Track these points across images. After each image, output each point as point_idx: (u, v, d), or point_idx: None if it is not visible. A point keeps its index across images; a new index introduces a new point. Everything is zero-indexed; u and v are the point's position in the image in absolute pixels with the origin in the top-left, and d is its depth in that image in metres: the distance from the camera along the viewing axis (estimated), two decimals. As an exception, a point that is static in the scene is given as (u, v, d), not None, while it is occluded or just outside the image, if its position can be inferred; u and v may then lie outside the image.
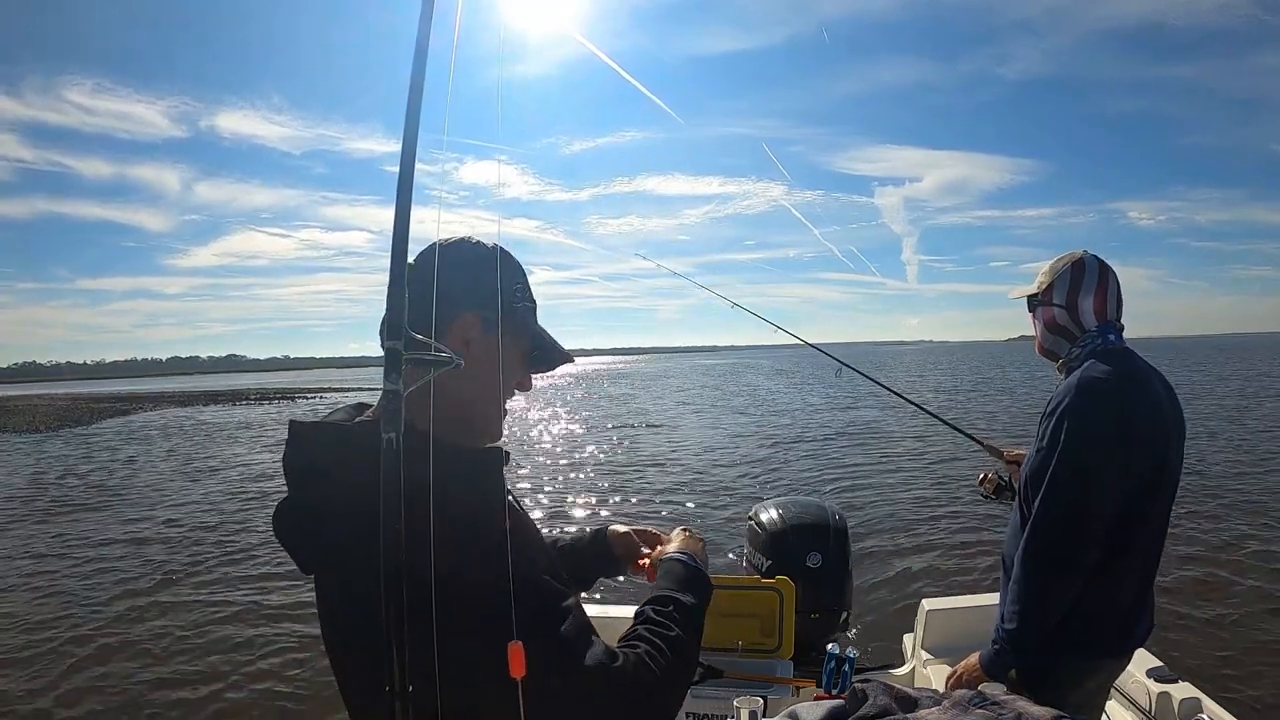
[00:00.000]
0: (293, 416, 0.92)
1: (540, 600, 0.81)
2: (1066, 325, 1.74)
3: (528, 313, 0.99)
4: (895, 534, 7.01)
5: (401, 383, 0.67)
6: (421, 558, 0.68)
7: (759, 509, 2.89)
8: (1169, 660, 2.30)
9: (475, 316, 0.91)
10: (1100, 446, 1.54)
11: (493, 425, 0.97)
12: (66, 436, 22.30)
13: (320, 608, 0.91)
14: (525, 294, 1.00)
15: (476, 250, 0.96)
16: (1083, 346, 1.70)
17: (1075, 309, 1.72)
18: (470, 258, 0.94)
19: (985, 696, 1.12)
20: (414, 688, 0.64)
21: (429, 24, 0.71)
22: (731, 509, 8.22)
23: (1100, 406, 1.56)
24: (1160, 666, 2.24)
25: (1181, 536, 6.35)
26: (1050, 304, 1.76)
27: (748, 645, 2.00)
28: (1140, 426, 1.58)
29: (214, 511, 9.46)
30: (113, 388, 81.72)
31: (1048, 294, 1.76)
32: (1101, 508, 1.54)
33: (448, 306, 0.90)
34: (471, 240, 0.98)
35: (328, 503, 0.84)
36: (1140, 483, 1.58)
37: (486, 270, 0.93)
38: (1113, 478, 1.54)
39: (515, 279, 0.99)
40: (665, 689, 0.89)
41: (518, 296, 0.98)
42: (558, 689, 0.77)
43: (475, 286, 0.92)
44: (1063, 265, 1.76)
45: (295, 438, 0.89)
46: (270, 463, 13.98)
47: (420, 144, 0.70)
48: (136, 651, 4.91)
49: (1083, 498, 1.54)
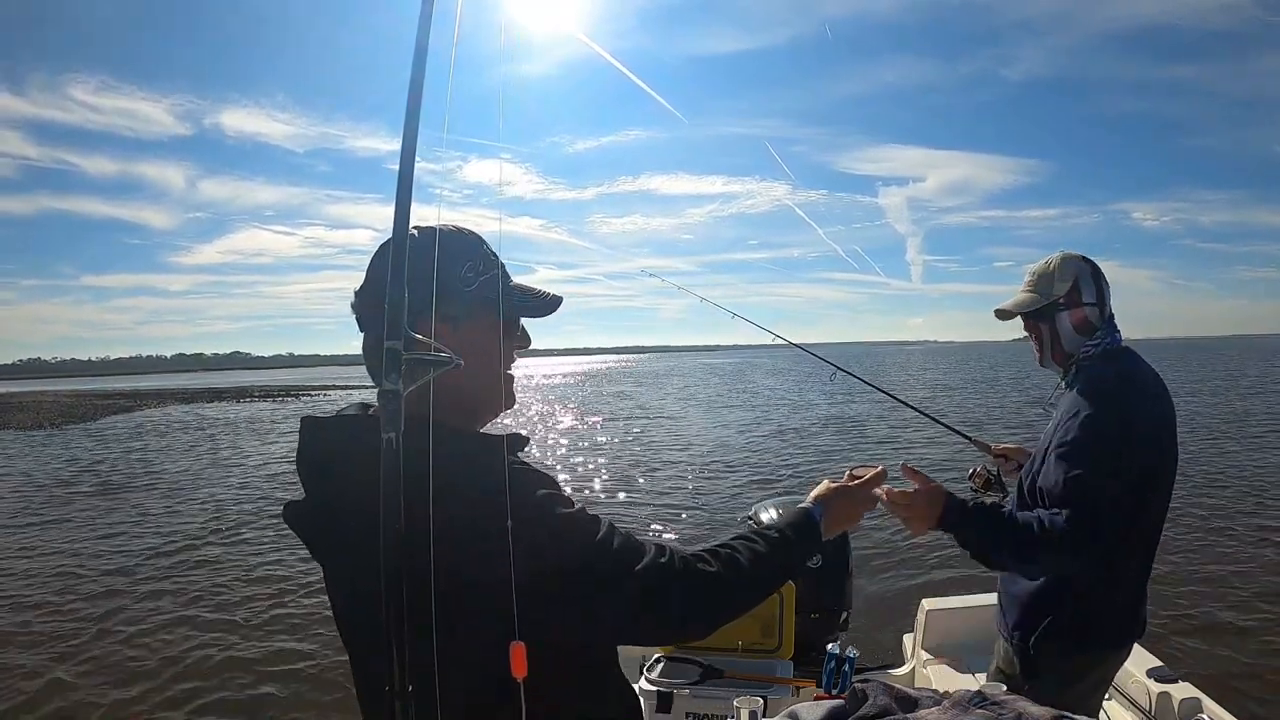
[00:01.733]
0: (305, 413, 0.93)
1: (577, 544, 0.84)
2: (1094, 322, 1.70)
3: (487, 284, 0.95)
4: (895, 534, 7.00)
5: (401, 382, 0.67)
6: (425, 555, 0.69)
7: (759, 508, 2.89)
8: (1169, 660, 2.30)
9: (440, 326, 0.89)
10: (1111, 447, 1.52)
11: (494, 402, 0.97)
12: (72, 432, 22.36)
13: (330, 598, 0.92)
14: (477, 268, 0.94)
15: (415, 248, 0.86)
16: (1094, 344, 1.69)
17: (1104, 304, 1.71)
18: (405, 267, 0.85)
19: (985, 696, 1.12)
20: (413, 686, 0.64)
21: (429, 24, 0.71)
22: (731, 508, 8.22)
23: (1112, 408, 1.56)
24: (1160, 666, 2.24)
25: (1182, 536, 6.35)
26: (1081, 304, 1.70)
27: (748, 645, 2.01)
28: (1141, 424, 1.58)
29: (227, 508, 9.49)
30: (117, 384, 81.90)
31: (1073, 296, 1.70)
32: (1116, 506, 1.51)
33: (411, 317, 0.87)
34: (414, 235, 0.88)
35: (338, 498, 0.86)
36: (1138, 478, 1.58)
37: (426, 268, 0.84)
38: (1126, 476, 1.52)
39: (460, 263, 0.93)
40: (725, 588, 0.93)
41: (469, 279, 0.94)
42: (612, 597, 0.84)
43: (421, 294, 0.83)
44: (1070, 265, 1.73)
45: (306, 434, 0.89)
46: (280, 456, 14.02)
47: (422, 142, 0.70)
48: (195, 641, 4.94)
49: (1103, 499, 1.50)
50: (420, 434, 0.70)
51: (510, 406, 1.01)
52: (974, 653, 2.56)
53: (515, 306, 0.99)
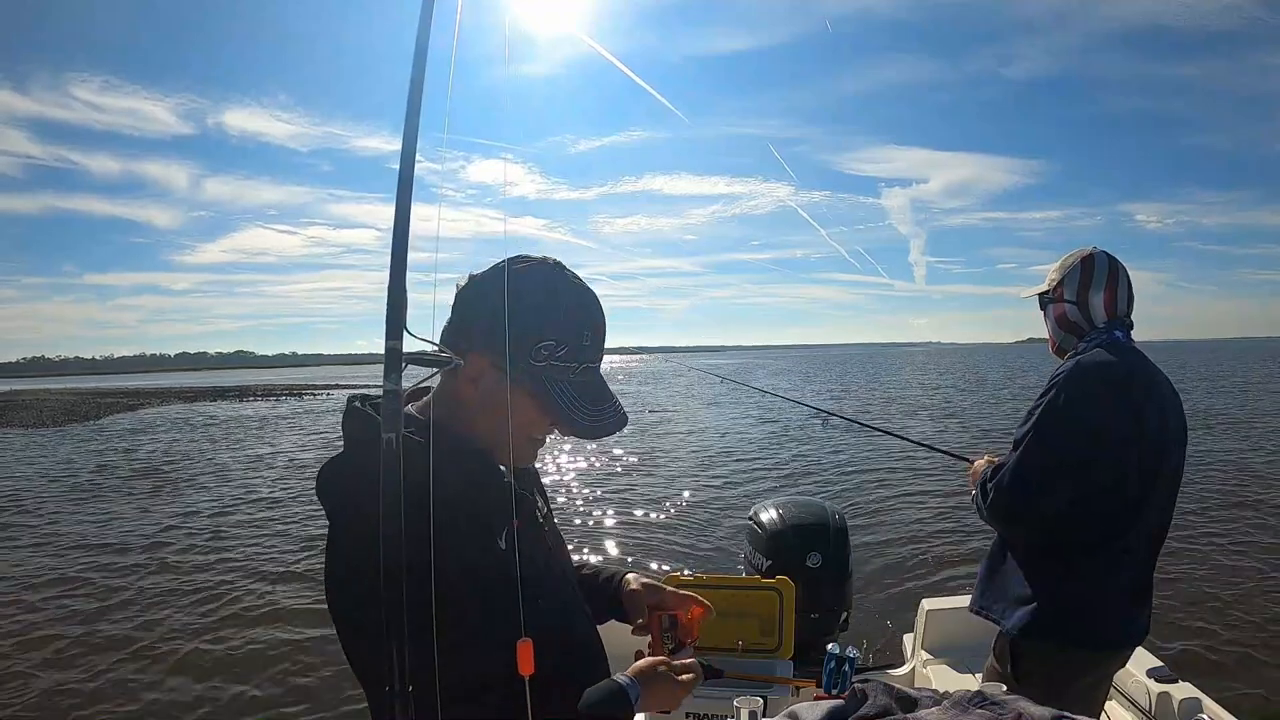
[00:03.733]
0: (305, 413, 0.91)
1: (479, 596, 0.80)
2: (1077, 321, 1.75)
3: (555, 372, 0.90)
4: (895, 534, 7.00)
5: (401, 382, 0.67)
6: (409, 555, 0.69)
7: (759, 509, 2.89)
8: (1169, 660, 2.29)
9: (486, 362, 0.87)
10: (1085, 409, 1.57)
11: (500, 455, 0.92)
12: (75, 431, 22.40)
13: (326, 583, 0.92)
14: (556, 352, 0.89)
15: (524, 285, 0.87)
16: (1089, 341, 1.71)
17: (1086, 305, 1.73)
18: (504, 299, 0.83)
19: (985, 696, 1.11)
20: (393, 688, 0.64)
21: (429, 24, 0.71)
22: (732, 508, 8.22)
23: (1092, 376, 1.60)
24: (1160, 666, 2.24)
25: (1184, 537, 6.34)
26: (1061, 300, 1.77)
27: (748, 645, 2.00)
28: (1129, 406, 1.59)
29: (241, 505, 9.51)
30: (121, 383, 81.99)
31: (1058, 290, 1.77)
32: (1079, 455, 1.57)
33: (467, 339, 0.88)
34: (547, 267, 0.91)
35: (352, 484, 0.85)
36: (1134, 472, 1.59)
37: (521, 314, 0.84)
38: (1094, 434, 1.56)
39: (548, 334, 0.89)
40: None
41: (541, 355, 0.88)
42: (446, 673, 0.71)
43: (496, 331, 0.83)
44: (1072, 261, 1.77)
45: (347, 418, 0.90)
46: (279, 456, 14.04)
47: (424, 142, 0.71)
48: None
49: (1062, 443, 1.58)
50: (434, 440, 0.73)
51: (523, 464, 0.98)
52: (974, 653, 2.56)
53: (559, 407, 0.90)
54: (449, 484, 0.76)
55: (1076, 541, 1.62)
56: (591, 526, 7.90)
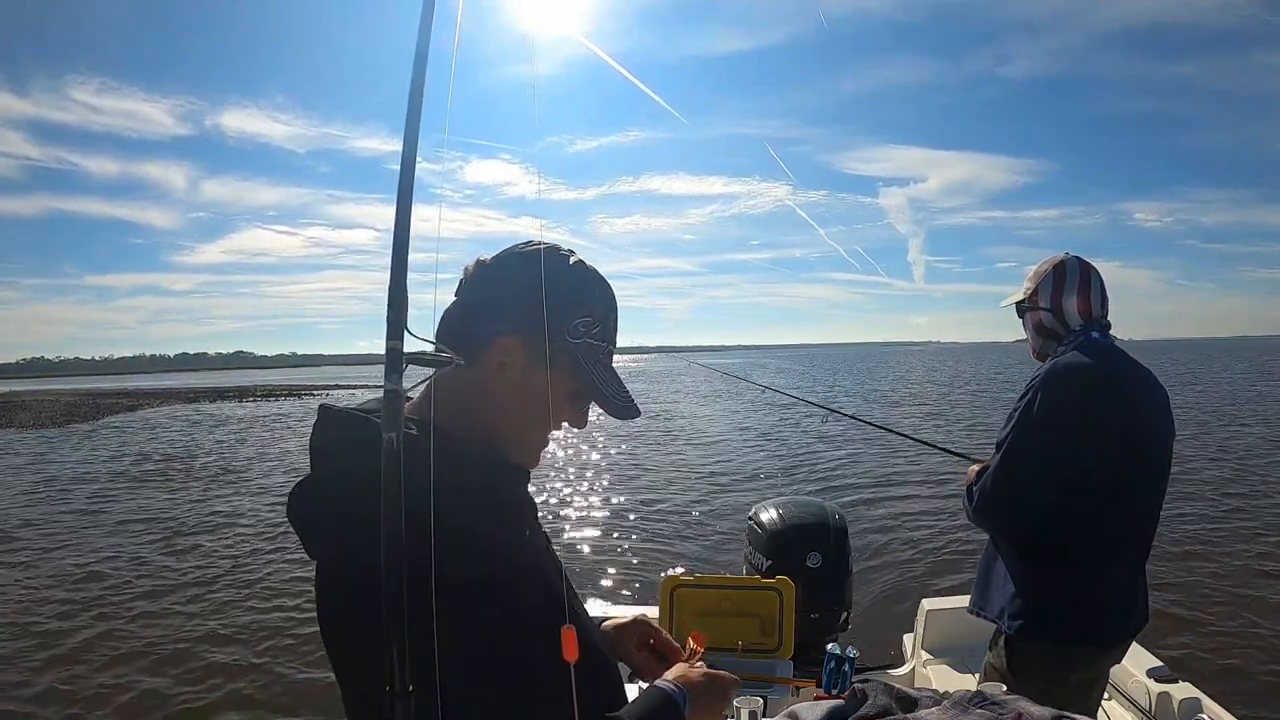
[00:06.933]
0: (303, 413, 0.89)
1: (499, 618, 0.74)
2: (1054, 327, 1.80)
3: (590, 351, 0.87)
4: (895, 534, 7.00)
5: (401, 382, 0.67)
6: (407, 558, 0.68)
7: (759, 509, 2.89)
8: (1169, 660, 2.30)
9: (517, 342, 0.83)
10: (1062, 410, 1.61)
11: (513, 451, 0.88)
12: (76, 430, 22.40)
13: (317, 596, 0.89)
14: (592, 329, 0.87)
15: (552, 265, 0.84)
16: (1067, 345, 1.75)
17: (1060, 310, 1.78)
18: (535, 275, 0.81)
19: (985, 696, 1.12)
20: (394, 689, 0.62)
21: (429, 26, 0.71)
22: (732, 508, 8.22)
23: (1067, 378, 1.64)
24: (1160, 666, 2.24)
25: (1182, 536, 6.34)
26: (1037, 308, 1.82)
27: (748, 645, 2.00)
28: (1106, 405, 1.62)
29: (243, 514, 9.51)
30: (122, 384, 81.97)
31: (1034, 298, 1.83)
32: (1058, 455, 1.60)
33: (490, 323, 0.84)
34: (560, 252, 0.88)
35: (332, 490, 0.81)
36: (1115, 470, 1.62)
37: (550, 292, 0.81)
38: (1072, 435, 1.60)
39: (584, 310, 0.87)
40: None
41: (578, 331, 0.86)
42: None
43: (529, 307, 0.80)
44: (1045, 269, 1.82)
45: (319, 424, 0.84)
46: (281, 454, 14.04)
47: (424, 143, 0.71)
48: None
49: (1041, 444, 1.62)
50: (420, 441, 0.71)
51: (533, 464, 0.91)
52: (974, 653, 2.56)
53: (596, 385, 0.88)
54: (471, 483, 0.76)
55: (1062, 540, 1.65)
56: (591, 526, 7.90)
